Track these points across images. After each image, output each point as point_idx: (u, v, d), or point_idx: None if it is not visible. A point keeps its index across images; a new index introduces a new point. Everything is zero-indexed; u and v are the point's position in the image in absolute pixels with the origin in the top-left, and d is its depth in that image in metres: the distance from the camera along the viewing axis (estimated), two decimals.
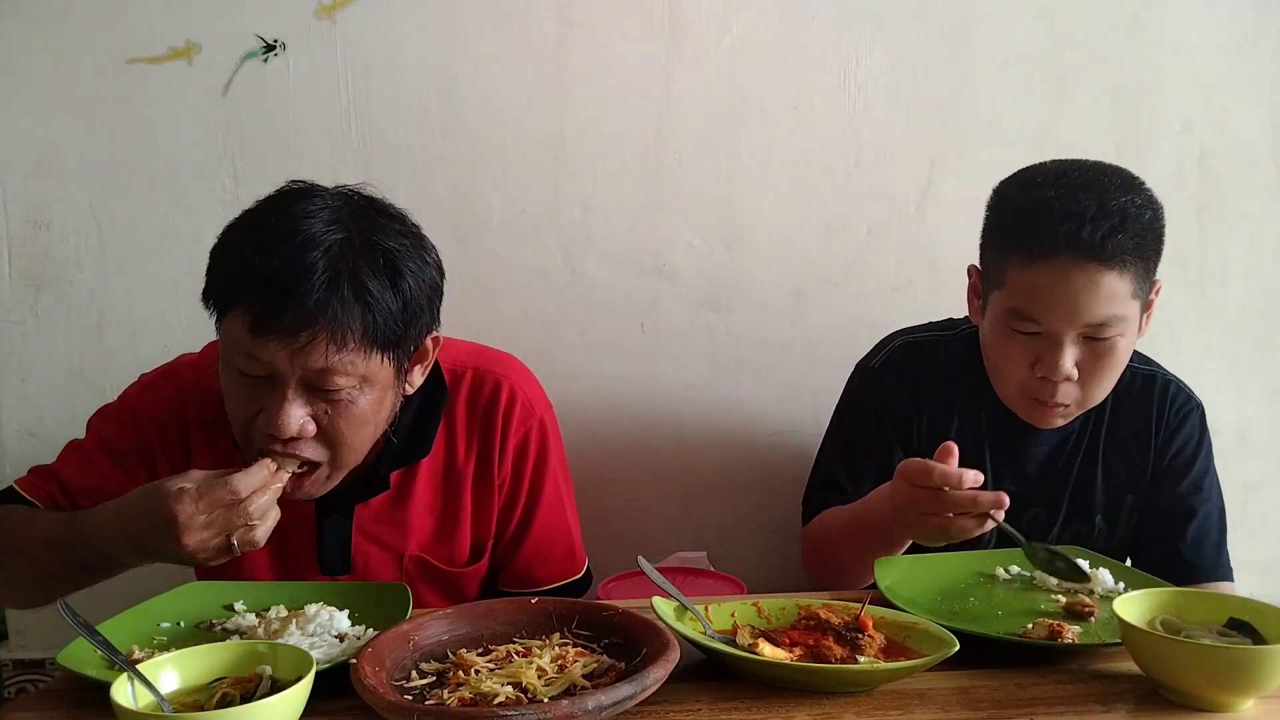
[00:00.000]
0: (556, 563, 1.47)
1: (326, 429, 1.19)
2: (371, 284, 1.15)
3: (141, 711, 0.88)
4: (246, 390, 1.18)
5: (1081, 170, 1.38)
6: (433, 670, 1.01)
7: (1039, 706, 0.99)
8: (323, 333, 1.12)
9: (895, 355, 1.59)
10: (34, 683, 1.94)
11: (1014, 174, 1.44)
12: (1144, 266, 1.34)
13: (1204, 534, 1.51)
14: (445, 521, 1.39)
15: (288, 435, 1.16)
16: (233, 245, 1.19)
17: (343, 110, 1.84)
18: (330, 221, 1.16)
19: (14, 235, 1.85)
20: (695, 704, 0.99)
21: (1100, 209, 1.31)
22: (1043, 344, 1.36)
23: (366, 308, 1.15)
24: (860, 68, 1.91)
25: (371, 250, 1.17)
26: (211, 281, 1.20)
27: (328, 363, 1.14)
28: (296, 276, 1.11)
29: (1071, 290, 1.31)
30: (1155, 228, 1.35)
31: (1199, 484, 1.53)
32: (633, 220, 1.92)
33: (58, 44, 1.80)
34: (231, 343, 1.17)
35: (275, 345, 1.13)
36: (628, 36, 1.87)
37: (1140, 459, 1.53)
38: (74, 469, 1.34)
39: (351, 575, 1.38)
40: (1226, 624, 1.04)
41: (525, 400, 1.41)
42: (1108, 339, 1.34)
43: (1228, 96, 1.96)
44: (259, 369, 1.15)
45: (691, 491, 2.00)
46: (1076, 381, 1.37)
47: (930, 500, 1.19)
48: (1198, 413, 1.54)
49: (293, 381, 1.15)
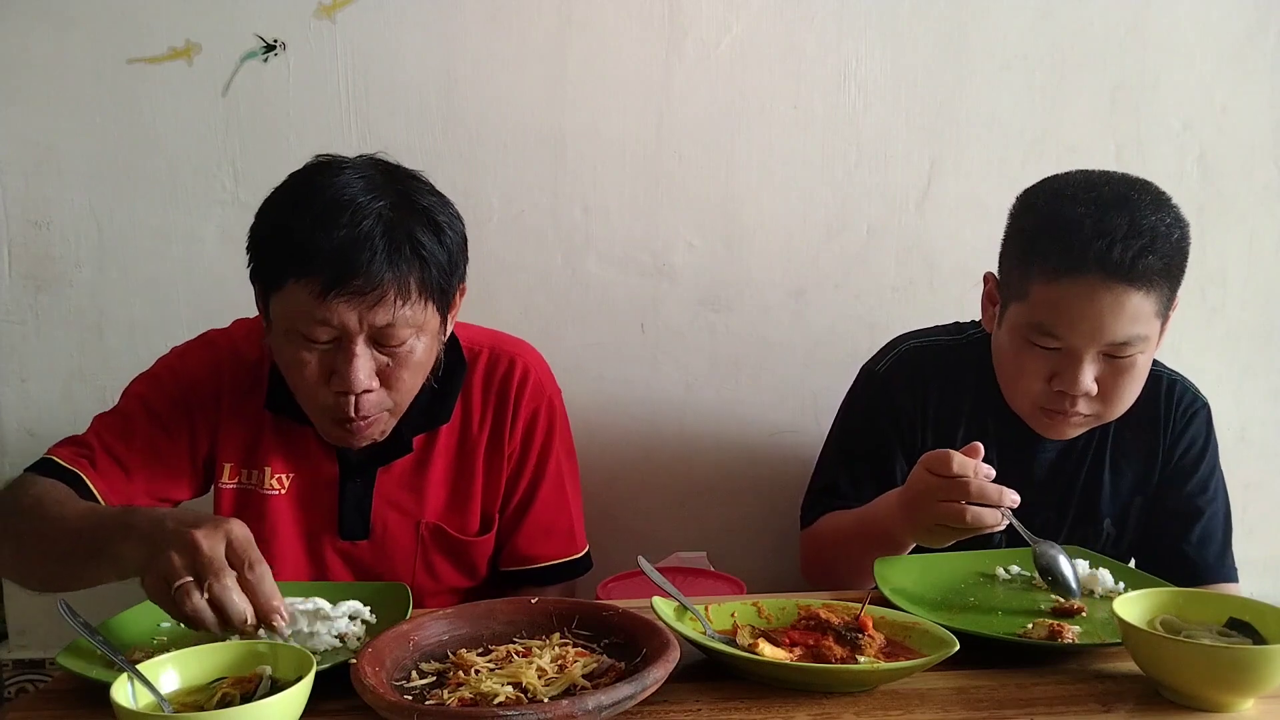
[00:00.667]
0: (557, 540, 1.50)
1: (390, 379, 1.28)
2: (424, 240, 1.25)
3: (141, 711, 0.88)
4: (314, 356, 1.25)
5: (1112, 184, 1.35)
6: (433, 670, 1.01)
7: (1039, 706, 0.99)
8: (390, 290, 1.22)
9: (901, 360, 1.57)
10: (34, 683, 1.94)
11: (1040, 183, 1.41)
12: (1169, 285, 1.32)
13: (1209, 535, 1.50)
14: (459, 490, 1.45)
15: (360, 389, 1.24)
16: (285, 223, 1.24)
17: (343, 110, 1.84)
18: (370, 189, 1.24)
19: (14, 235, 1.85)
20: (695, 704, 0.99)
21: (1131, 228, 1.28)
22: (1062, 359, 1.34)
23: (423, 262, 1.25)
24: (860, 68, 1.91)
25: (414, 209, 1.26)
26: (266, 258, 1.26)
27: (393, 317, 1.23)
28: (359, 242, 1.20)
29: (1097, 309, 1.29)
30: (1182, 247, 1.33)
31: (1205, 484, 1.52)
32: (633, 220, 1.92)
33: (58, 44, 1.80)
34: (294, 312, 1.23)
35: (345, 307, 1.21)
36: (628, 36, 1.87)
37: (1148, 461, 1.51)
38: (114, 435, 1.35)
39: (369, 541, 1.42)
40: (1226, 624, 1.04)
41: (537, 379, 1.48)
42: (1128, 356, 1.33)
43: (1228, 96, 1.97)
44: (327, 332, 1.23)
45: (691, 491, 2.00)
46: (1095, 396, 1.35)
47: (948, 488, 1.18)
48: (1205, 412, 1.53)
49: (360, 338, 1.23)
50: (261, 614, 0.99)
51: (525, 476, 1.48)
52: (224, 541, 0.99)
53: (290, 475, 1.41)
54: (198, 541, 0.98)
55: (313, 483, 1.41)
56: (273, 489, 1.40)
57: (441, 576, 1.47)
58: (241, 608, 0.97)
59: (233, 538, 1.00)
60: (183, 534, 0.99)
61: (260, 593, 0.99)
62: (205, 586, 0.97)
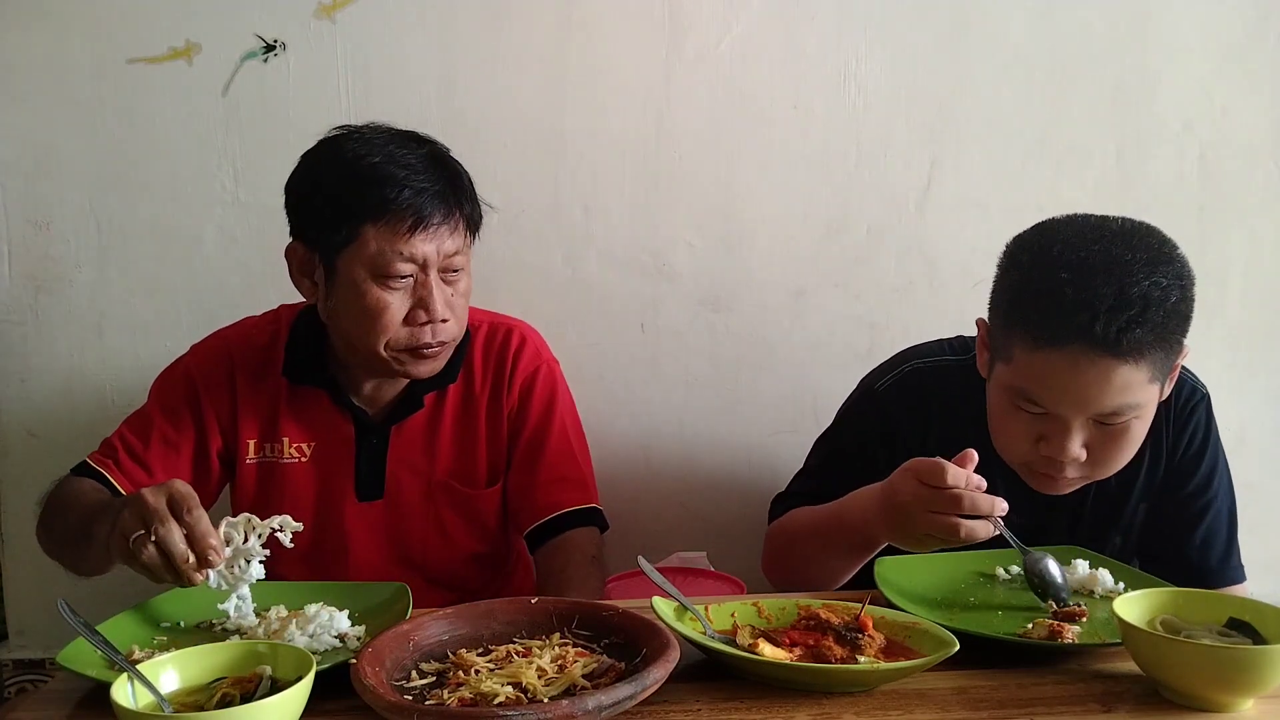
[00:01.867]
0: (573, 488, 1.54)
1: (455, 309, 1.42)
2: (466, 181, 1.43)
3: (141, 711, 0.88)
4: (395, 296, 1.37)
5: (1104, 241, 1.22)
6: (433, 670, 1.01)
7: (1039, 706, 0.99)
8: (460, 221, 1.40)
9: (903, 382, 1.50)
10: (34, 683, 1.95)
11: (1029, 232, 1.31)
12: (1165, 351, 1.22)
13: (1212, 537, 1.47)
14: (466, 446, 1.53)
15: (443, 316, 1.39)
16: (352, 176, 1.35)
17: (343, 110, 1.84)
18: (404, 142, 1.40)
19: (14, 235, 1.85)
20: (695, 704, 0.99)
21: (1119, 298, 1.17)
22: (1049, 424, 1.26)
23: (470, 200, 1.43)
24: (860, 67, 1.91)
25: (447, 157, 1.43)
26: (335, 214, 1.36)
27: (460, 245, 1.40)
28: (433, 181, 1.37)
29: (1081, 381, 1.20)
30: (1181, 309, 1.22)
31: (1208, 481, 1.47)
32: (633, 220, 1.92)
33: (58, 44, 1.80)
34: (373, 257, 1.35)
35: (427, 241, 1.36)
36: (628, 36, 1.87)
37: (1153, 464, 1.45)
38: (134, 432, 1.48)
39: (384, 501, 1.51)
40: (1226, 624, 1.04)
41: (534, 346, 1.58)
42: (1120, 423, 1.25)
43: (1228, 96, 1.96)
44: (409, 269, 1.36)
45: (691, 491, 2.00)
46: (1086, 461, 1.27)
47: (939, 500, 1.15)
48: (1205, 401, 1.47)
49: (435, 270, 1.38)
50: (198, 551, 1.08)
51: (528, 427, 1.54)
52: (166, 495, 1.10)
53: (310, 444, 1.50)
54: (144, 497, 1.10)
55: (331, 446, 1.50)
56: (292, 458, 1.50)
57: (453, 535, 1.53)
58: (182, 547, 1.08)
59: (173, 491, 1.11)
60: (134, 496, 1.13)
61: (196, 534, 1.09)
62: (152, 532, 1.08)
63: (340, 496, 1.50)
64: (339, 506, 1.50)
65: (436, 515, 1.52)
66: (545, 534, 1.50)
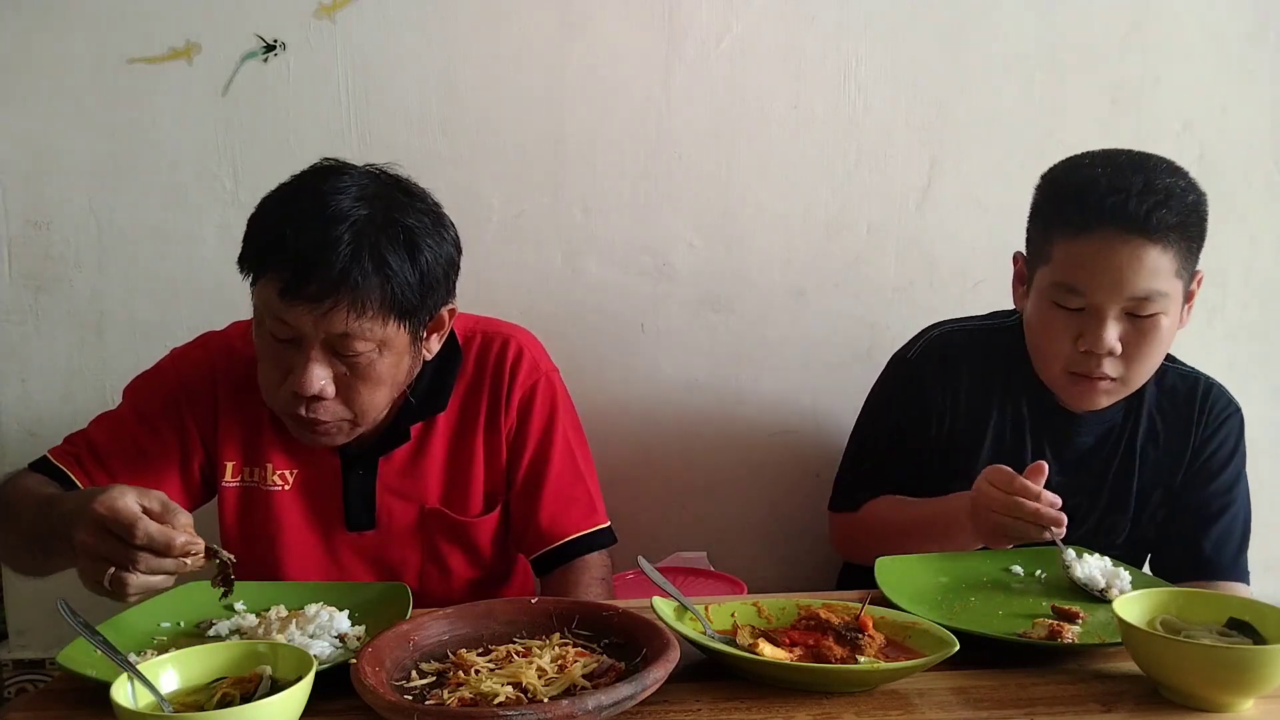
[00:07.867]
0: (579, 512, 1.47)
1: (346, 389, 1.28)
2: (391, 258, 1.24)
3: (141, 711, 0.88)
4: (276, 351, 1.27)
5: (1129, 154, 1.42)
6: (433, 670, 1.01)
7: (1039, 706, 0.99)
8: (344, 301, 1.21)
9: (932, 345, 1.60)
10: (34, 683, 1.94)
11: (1060, 160, 1.48)
12: (1187, 246, 1.37)
13: (1227, 535, 1.53)
14: (459, 472, 1.46)
15: (310, 393, 1.25)
16: (266, 217, 1.27)
17: (343, 110, 1.84)
18: (357, 198, 1.25)
19: (14, 235, 1.85)
20: (695, 704, 0.99)
21: (1146, 185, 1.34)
22: (1086, 319, 1.38)
23: (386, 279, 1.24)
24: (860, 68, 1.91)
25: (393, 226, 1.26)
26: (246, 248, 1.27)
27: (348, 328, 1.23)
28: (323, 249, 1.20)
29: (1116, 262, 1.34)
30: (1199, 210, 1.38)
31: (1230, 487, 1.54)
32: (633, 220, 1.92)
33: (58, 44, 1.80)
34: (263, 306, 1.26)
35: (301, 310, 1.22)
36: (627, 36, 1.87)
37: (1176, 457, 1.54)
38: (104, 433, 1.40)
39: (375, 531, 1.44)
40: (1226, 624, 1.04)
41: (532, 357, 1.49)
42: (1151, 315, 1.37)
43: (1228, 96, 1.97)
44: (286, 332, 1.25)
45: (691, 491, 2.00)
46: (1120, 357, 1.39)
47: (1004, 503, 1.26)
48: (1237, 418, 1.57)
49: (316, 344, 1.25)
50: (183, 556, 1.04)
51: (528, 450, 1.46)
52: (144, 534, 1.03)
53: (294, 471, 1.42)
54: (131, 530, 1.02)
55: (316, 477, 1.42)
56: (275, 485, 1.42)
57: (449, 564, 1.47)
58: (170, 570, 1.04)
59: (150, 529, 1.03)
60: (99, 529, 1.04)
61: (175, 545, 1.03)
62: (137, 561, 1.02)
63: (330, 527, 1.43)
64: (329, 537, 1.43)
65: (430, 544, 1.45)
66: (553, 560, 1.46)
